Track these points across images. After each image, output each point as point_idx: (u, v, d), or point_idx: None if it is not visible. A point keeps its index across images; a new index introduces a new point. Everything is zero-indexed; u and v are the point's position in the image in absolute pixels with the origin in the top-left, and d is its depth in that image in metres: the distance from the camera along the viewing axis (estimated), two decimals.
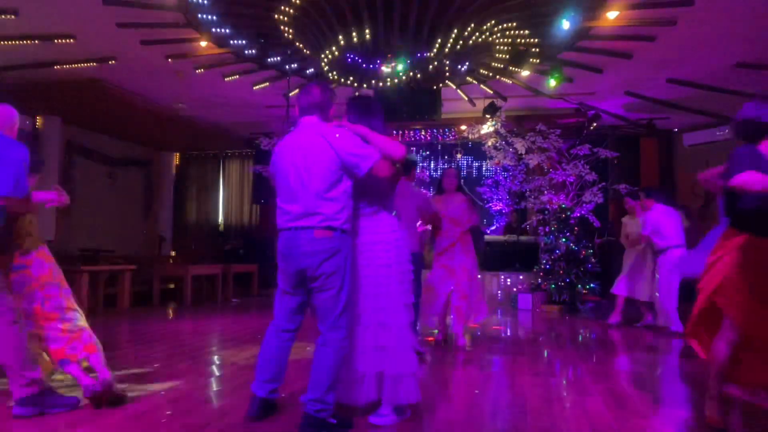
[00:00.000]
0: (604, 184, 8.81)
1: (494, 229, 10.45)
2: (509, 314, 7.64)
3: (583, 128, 8.92)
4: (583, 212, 8.60)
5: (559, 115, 9.46)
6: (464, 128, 9.94)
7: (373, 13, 5.72)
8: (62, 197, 3.23)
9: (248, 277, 10.65)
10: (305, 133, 2.83)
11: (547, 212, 8.95)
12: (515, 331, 6.53)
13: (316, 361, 2.72)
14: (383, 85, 6.95)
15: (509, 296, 8.04)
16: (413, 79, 6.75)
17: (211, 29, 6.35)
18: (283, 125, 7.33)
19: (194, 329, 6.47)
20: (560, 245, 8.56)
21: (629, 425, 2.93)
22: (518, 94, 8.61)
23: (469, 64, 6.85)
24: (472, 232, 5.18)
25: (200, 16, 5.99)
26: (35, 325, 3.09)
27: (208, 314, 7.81)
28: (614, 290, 6.77)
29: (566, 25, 5.78)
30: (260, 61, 7.26)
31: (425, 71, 6.63)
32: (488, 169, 10.42)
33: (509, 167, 9.43)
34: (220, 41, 6.70)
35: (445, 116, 8.47)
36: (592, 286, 8.44)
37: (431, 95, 7.50)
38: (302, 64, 7.34)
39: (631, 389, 3.70)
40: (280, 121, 8.37)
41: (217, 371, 4.19)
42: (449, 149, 10.79)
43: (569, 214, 8.71)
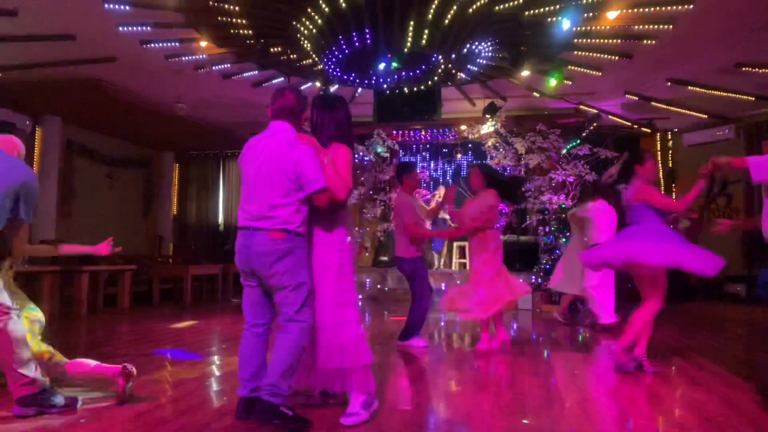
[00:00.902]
0: None
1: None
2: (509, 314, 7.64)
3: (583, 128, 8.92)
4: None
5: (559, 115, 9.46)
6: (464, 128, 9.93)
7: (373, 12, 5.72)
8: None
9: None
10: (274, 137, 2.90)
11: (547, 212, 8.95)
12: (515, 331, 6.52)
13: (274, 349, 2.81)
14: (384, 84, 6.94)
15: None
16: (413, 78, 6.73)
17: (210, 29, 6.35)
18: None
19: (194, 329, 6.46)
20: (560, 245, 8.57)
21: (629, 425, 2.93)
22: (518, 94, 8.61)
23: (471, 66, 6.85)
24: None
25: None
26: None
27: (207, 314, 7.81)
28: (550, 285, 7.17)
29: (566, 24, 5.78)
30: (261, 61, 7.25)
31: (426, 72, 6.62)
32: None
33: (509, 167, 9.44)
34: (220, 41, 6.69)
35: (445, 116, 8.47)
36: None
37: (431, 95, 7.49)
38: (302, 64, 7.33)
39: (631, 389, 3.69)
40: None
41: (216, 371, 4.19)
42: (449, 149, 10.78)
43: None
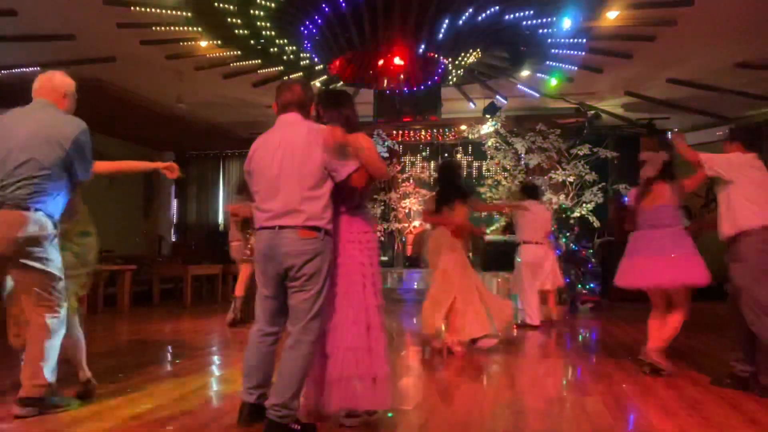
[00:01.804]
0: (604, 184, 8.80)
1: (494, 229, 10.42)
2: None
3: (583, 128, 8.92)
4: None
5: (559, 115, 9.46)
6: (464, 128, 9.91)
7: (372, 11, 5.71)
8: None
9: None
10: (290, 129, 2.76)
11: None
12: (515, 331, 6.51)
13: (283, 365, 2.63)
14: (385, 84, 6.92)
15: (509, 296, 8.03)
16: (413, 78, 6.72)
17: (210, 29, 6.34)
18: None
19: (194, 329, 6.46)
20: (560, 245, 8.56)
21: (629, 425, 2.93)
22: (518, 94, 8.60)
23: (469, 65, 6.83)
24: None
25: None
26: None
27: (207, 314, 7.81)
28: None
29: (567, 23, 5.77)
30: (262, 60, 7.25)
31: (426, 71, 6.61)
32: (488, 169, 10.40)
33: (509, 167, 9.44)
34: (219, 41, 6.69)
35: (445, 116, 8.45)
36: (592, 286, 8.44)
37: (431, 95, 7.48)
38: (303, 63, 7.33)
39: (630, 389, 3.69)
40: None
41: (216, 371, 4.19)
42: (449, 149, 10.77)
43: (569, 214, 8.71)
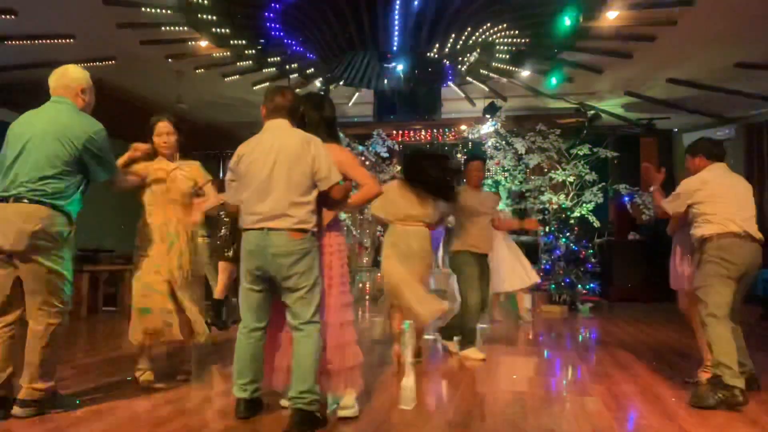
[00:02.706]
0: (604, 184, 8.80)
1: None
2: (509, 314, 7.64)
3: (583, 128, 8.91)
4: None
5: (559, 115, 9.46)
6: (464, 128, 9.91)
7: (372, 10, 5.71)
8: None
9: None
10: (283, 135, 2.88)
11: (547, 212, 8.94)
12: (515, 331, 6.52)
13: (299, 354, 2.73)
14: (385, 84, 6.93)
15: (509, 296, 8.04)
16: (414, 77, 6.73)
17: (211, 29, 6.34)
18: None
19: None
20: (560, 245, 8.57)
21: (629, 425, 2.93)
22: (518, 94, 8.60)
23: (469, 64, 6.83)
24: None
25: (200, 16, 5.99)
26: None
27: (207, 313, 7.79)
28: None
29: (567, 23, 5.77)
30: (260, 61, 7.25)
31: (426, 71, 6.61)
32: (488, 169, 10.39)
33: (509, 167, 9.44)
34: (220, 41, 6.69)
35: (445, 116, 8.46)
36: (591, 286, 8.44)
37: (431, 95, 7.48)
38: (302, 63, 7.33)
39: (630, 389, 3.69)
40: None
41: (216, 371, 4.19)
42: (449, 149, 10.77)
43: (569, 214, 8.71)
